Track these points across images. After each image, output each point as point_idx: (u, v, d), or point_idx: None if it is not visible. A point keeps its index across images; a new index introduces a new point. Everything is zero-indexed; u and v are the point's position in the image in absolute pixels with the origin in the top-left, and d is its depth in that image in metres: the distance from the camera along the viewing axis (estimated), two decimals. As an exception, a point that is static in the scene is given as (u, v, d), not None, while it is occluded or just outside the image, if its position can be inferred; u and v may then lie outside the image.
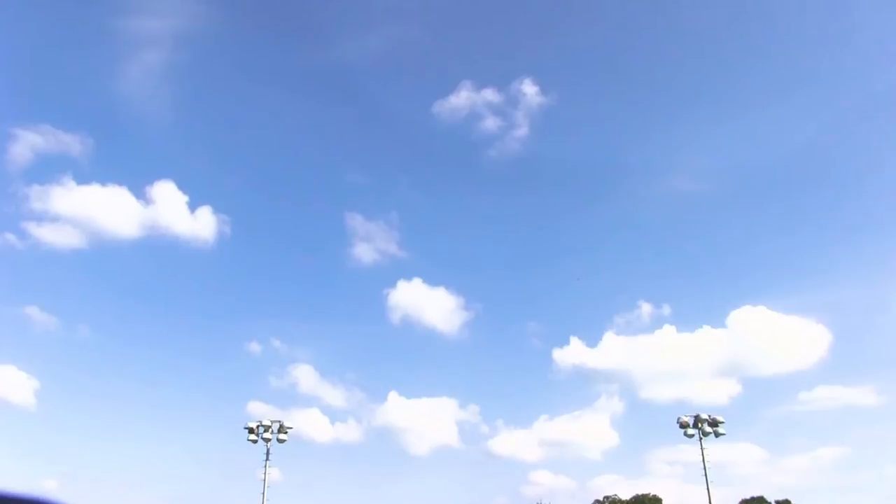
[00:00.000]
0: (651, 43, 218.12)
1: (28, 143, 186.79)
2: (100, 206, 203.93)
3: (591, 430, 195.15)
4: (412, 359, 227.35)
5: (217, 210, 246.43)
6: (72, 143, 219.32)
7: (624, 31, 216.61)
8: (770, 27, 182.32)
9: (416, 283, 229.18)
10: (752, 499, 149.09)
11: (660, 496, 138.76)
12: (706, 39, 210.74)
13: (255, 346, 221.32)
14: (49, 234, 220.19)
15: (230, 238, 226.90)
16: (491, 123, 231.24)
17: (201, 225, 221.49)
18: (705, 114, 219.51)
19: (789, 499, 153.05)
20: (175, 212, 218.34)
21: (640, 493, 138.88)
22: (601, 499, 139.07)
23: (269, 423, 50.06)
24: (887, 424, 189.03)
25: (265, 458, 49.66)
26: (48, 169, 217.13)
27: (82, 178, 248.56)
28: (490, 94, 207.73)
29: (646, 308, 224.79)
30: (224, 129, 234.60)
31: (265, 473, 49.51)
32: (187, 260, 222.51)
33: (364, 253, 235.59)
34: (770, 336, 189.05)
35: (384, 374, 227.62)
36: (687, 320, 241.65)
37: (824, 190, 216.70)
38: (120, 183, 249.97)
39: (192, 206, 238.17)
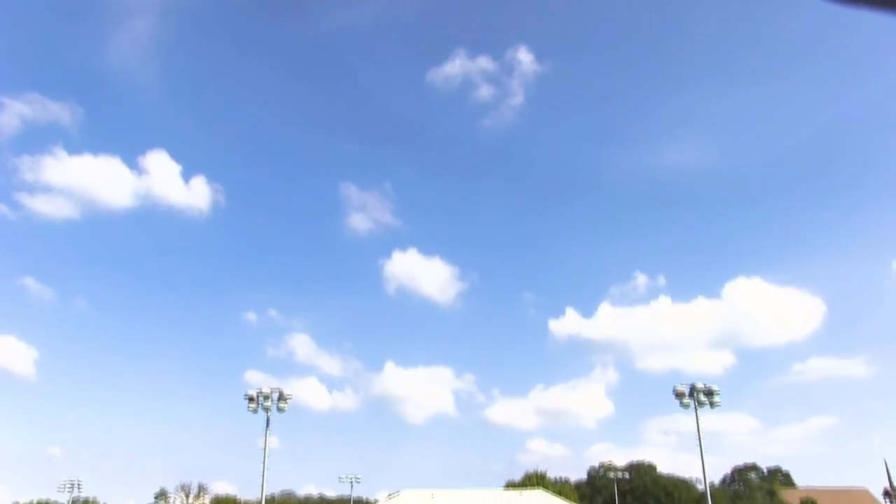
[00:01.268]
0: (651, 13, 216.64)
1: (16, 112, 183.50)
2: (92, 177, 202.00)
3: (586, 399, 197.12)
4: (408, 328, 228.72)
5: (211, 180, 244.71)
6: (61, 113, 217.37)
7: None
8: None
9: (412, 253, 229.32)
10: (745, 467, 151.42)
11: (654, 464, 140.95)
12: (709, 11, 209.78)
13: (251, 316, 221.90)
14: (42, 205, 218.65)
15: (224, 208, 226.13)
16: (485, 92, 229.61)
17: (195, 195, 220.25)
18: (705, 88, 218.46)
19: (780, 466, 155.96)
20: (169, 182, 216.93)
21: (634, 460, 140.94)
22: (596, 466, 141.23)
23: (268, 392, 50.44)
24: (877, 395, 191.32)
25: (265, 426, 50.13)
26: (38, 139, 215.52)
27: (73, 149, 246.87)
28: (484, 62, 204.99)
29: (641, 279, 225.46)
30: (216, 98, 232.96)
31: (265, 441, 50.03)
32: (182, 230, 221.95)
33: (359, 223, 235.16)
34: (765, 308, 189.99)
35: (380, 344, 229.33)
36: (682, 291, 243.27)
37: (821, 164, 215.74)
38: (112, 153, 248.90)
39: (186, 176, 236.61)
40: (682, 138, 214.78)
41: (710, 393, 50.17)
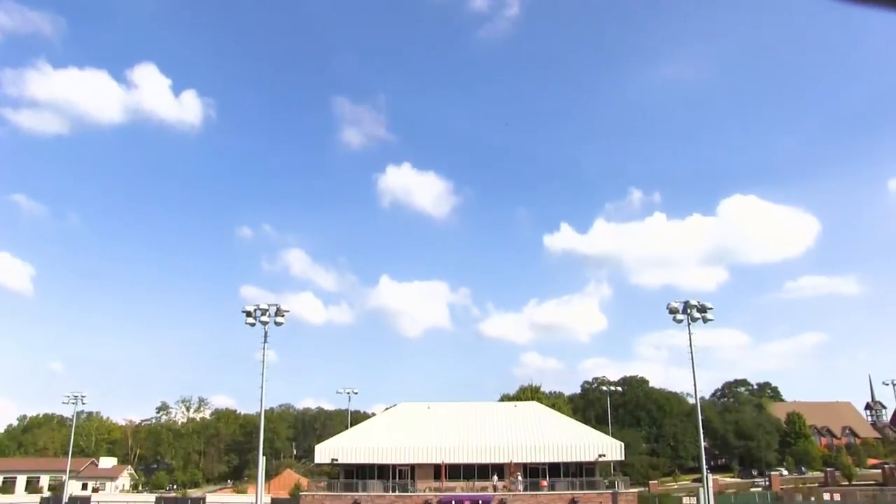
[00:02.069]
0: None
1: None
2: (79, 91, 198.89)
3: (580, 314, 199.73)
4: (403, 243, 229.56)
5: (202, 94, 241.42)
6: (41, 23, 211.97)
7: None
8: None
9: (406, 167, 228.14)
10: (735, 381, 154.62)
11: (646, 378, 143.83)
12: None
13: (245, 231, 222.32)
14: (28, 120, 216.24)
15: (216, 122, 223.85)
16: (481, 2, 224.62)
17: (186, 109, 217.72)
18: (705, 5, 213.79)
19: (770, 381, 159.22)
20: (158, 96, 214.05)
21: (627, 375, 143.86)
22: (590, 380, 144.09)
23: (266, 307, 50.92)
24: (865, 313, 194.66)
25: (263, 340, 50.78)
26: (19, 51, 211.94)
27: (58, 62, 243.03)
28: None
29: (636, 195, 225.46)
30: (205, 9, 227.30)
31: (263, 355, 50.75)
32: (173, 145, 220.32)
33: (352, 137, 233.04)
34: (759, 225, 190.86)
35: (375, 258, 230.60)
36: (677, 208, 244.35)
37: (819, 81, 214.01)
38: (99, 66, 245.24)
39: (176, 90, 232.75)
40: (681, 55, 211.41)
41: (703, 309, 50.69)
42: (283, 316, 51.16)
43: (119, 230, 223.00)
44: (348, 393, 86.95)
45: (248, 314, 50.80)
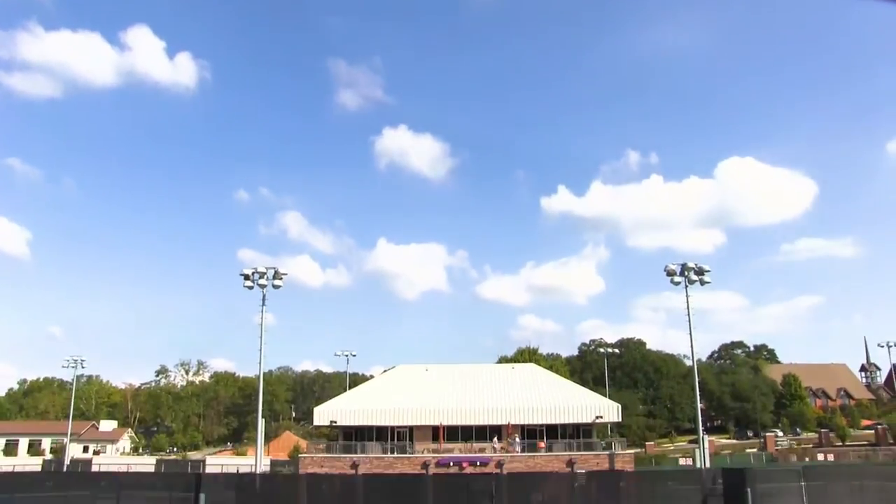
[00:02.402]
0: None
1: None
2: (72, 54, 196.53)
3: (577, 276, 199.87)
4: (400, 206, 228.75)
5: (197, 56, 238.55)
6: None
7: None
8: None
9: (402, 130, 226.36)
10: (731, 343, 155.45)
11: (643, 340, 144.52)
12: None
13: (242, 195, 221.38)
14: (20, 83, 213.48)
15: (211, 85, 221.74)
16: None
17: (181, 71, 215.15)
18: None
19: (766, 343, 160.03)
20: (152, 58, 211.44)
21: (624, 337, 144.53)
22: (587, 342, 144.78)
23: (264, 270, 50.81)
24: (861, 275, 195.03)
25: (261, 303, 50.77)
26: (10, 13, 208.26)
27: (50, 24, 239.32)
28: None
29: (633, 157, 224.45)
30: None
31: (262, 318, 50.77)
32: (169, 108, 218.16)
33: (348, 99, 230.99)
34: (757, 188, 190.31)
35: (372, 221, 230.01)
36: (674, 170, 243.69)
37: (818, 42, 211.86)
38: (91, 28, 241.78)
39: (171, 53, 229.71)
40: (680, 17, 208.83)
41: (700, 271, 50.66)
42: (280, 279, 51.08)
43: (115, 194, 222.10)
44: (346, 355, 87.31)
45: (246, 277, 50.69)
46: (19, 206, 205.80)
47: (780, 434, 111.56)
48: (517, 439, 55.07)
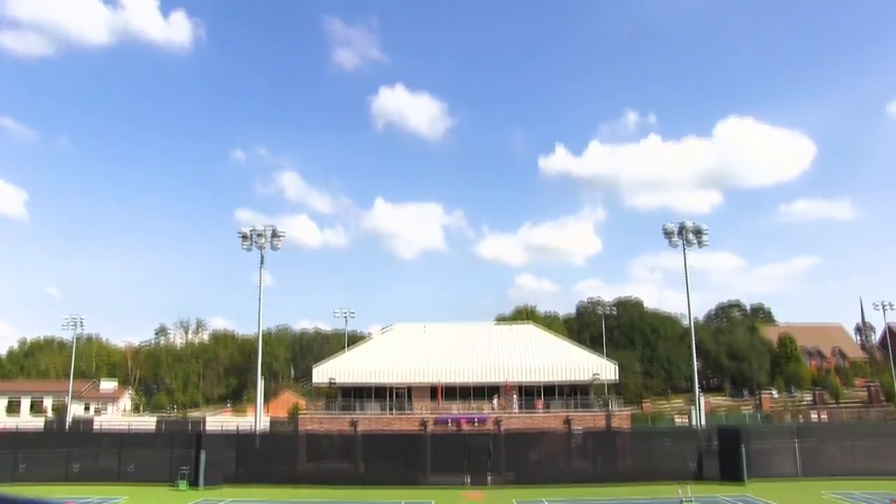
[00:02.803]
0: None
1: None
2: (64, 11, 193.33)
3: (574, 236, 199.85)
4: (397, 165, 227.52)
5: (191, 14, 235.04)
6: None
7: None
8: None
9: (399, 89, 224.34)
10: (728, 304, 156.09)
11: (641, 300, 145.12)
12: None
13: (238, 154, 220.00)
14: (12, 42, 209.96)
15: (206, 43, 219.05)
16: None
17: (176, 30, 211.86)
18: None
19: (762, 304, 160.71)
20: (146, 16, 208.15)
21: (621, 296, 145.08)
22: (585, 302, 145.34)
23: (262, 230, 50.72)
24: (858, 236, 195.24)
25: (259, 263, 50.79)
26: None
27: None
28: None
29: (631, 117, 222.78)
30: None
31: (260, 278, 50.85)
32: (163, 67, 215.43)
33: (345, 59, 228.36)
34: (755, 148, 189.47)
35: (370, 181, 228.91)
36: (673, 130, 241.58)
37: (820, 1, 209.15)
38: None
39: (165, 11, 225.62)
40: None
41: (698, 232, 50.65)
42: (279, 239, 51.04)
43: (111, 154, 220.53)
44: (345, 315, 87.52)
45: (245, 237, 50.63)
46: (15, 166, 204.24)
47: (776, 393, 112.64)
48: (515, 398, 55.55)
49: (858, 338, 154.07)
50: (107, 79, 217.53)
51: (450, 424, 51.85)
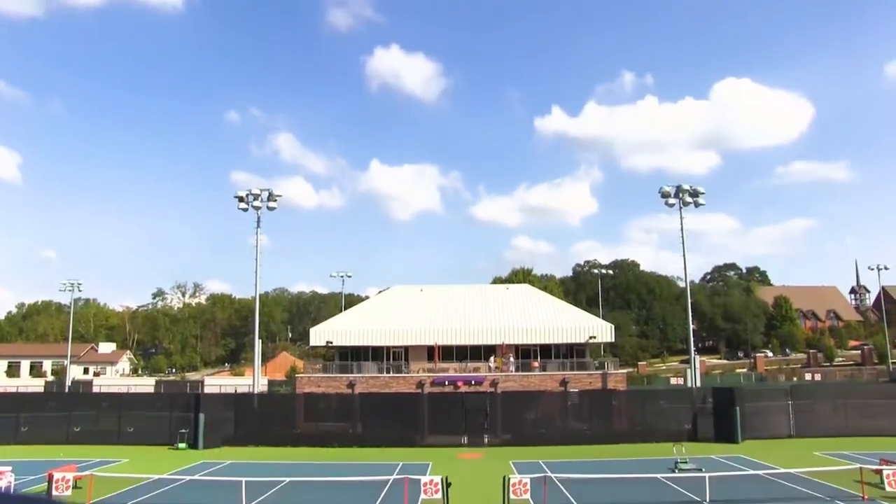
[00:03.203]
0: None
1: None
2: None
3: (571, 197, 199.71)
4: (392, 127, 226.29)
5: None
6: None
7: None
8: None
9: (394, 49, 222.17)
10: (724, 265, 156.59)
11: (637, 261, 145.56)
12: None
13: (233, 116, 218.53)
14: (0, 1, 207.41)
15: (199, 4, 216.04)
16: None
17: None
18: None
19: (758, 266, 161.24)
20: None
21: (618, 258, 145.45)
22: (581, 263, 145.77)
23: (258, 192, 50.49)
24: (854, 198, 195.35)
25: (256, 225, 50.67)
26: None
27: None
28: None
29: (628, 77, 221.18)
30: None
31: (256, 240, 50.78)
32: (156, 27, 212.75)
33: (339, 18, 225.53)
34: (753, 109, 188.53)
35: (365, 142, 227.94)
36: (669, 91, 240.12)
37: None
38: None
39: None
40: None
41: (695, 193, 50.51)
42: (275, 201, 50.84)
43: (104, 116, 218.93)
44: (342, 276, 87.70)
45: (241, 199, 50.41)
46: (7, 129, 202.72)
47: (770, 354, 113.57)
48: (511, 359, 55.88)
49: (853, 300, 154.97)
50: (98, 40, 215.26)
51: (447, 385, 52.19)
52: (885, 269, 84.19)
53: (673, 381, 79.00)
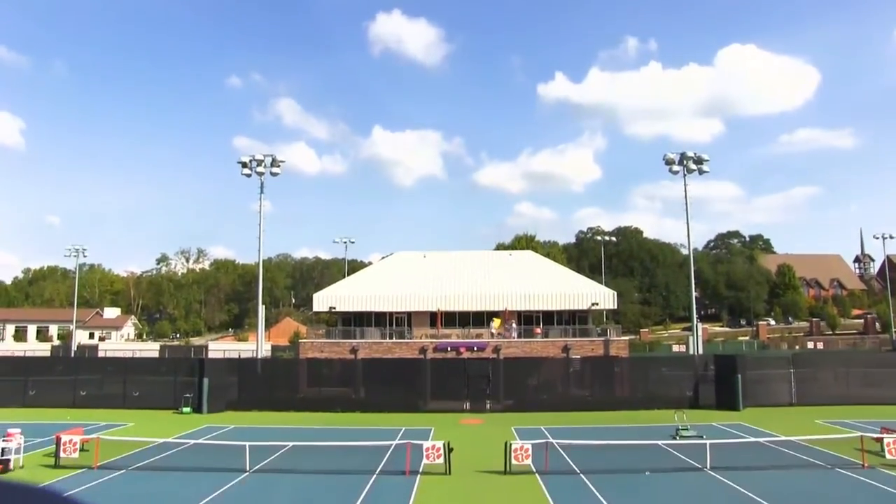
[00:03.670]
0: None
1: None
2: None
3: (574, 164, 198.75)
4: (395, 92, 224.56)
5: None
6: None
7: None
8: None
9: (396, 14, 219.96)
10: (728, 233, 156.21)
11: (640, 228, 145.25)
12: None
13: (234, 81, 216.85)
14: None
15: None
16: None
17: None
18: None
19: (762, 234, 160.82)
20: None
21: (621, 225, 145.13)
22: (584, 230, 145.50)
23: (261, 157, 50.33)
24: (859, 166, 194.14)
25: (259, 191, 50.55)
26: None
27: None
28: None
29: (631, 43, 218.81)
30: None
31: (260, 206, 50.69)
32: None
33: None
34: (758, 76, 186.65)
35: (367, 108, 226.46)
36: (673, 57, 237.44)
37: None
38: None
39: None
40: None
41: (699, 160, 50.25)
42: (278, 166, 50.68)
43: (107, 81, 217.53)
44: (345, 242, 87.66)
45: (244, 165, 50.26)
46: (9, 94, 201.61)
47: (773, 323, 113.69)
48: (514, 324, 56.01)
49: (857, 268, 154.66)
50: (99, 4, 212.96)
51: (449, 351, 52.40)
52: (890, 237, 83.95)
53: (675, 348, 79.28)
